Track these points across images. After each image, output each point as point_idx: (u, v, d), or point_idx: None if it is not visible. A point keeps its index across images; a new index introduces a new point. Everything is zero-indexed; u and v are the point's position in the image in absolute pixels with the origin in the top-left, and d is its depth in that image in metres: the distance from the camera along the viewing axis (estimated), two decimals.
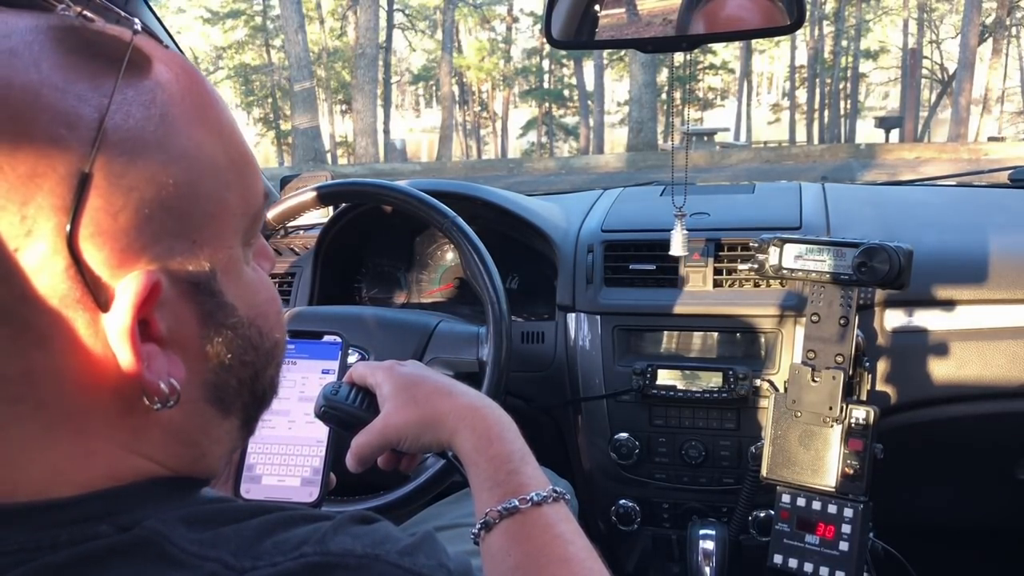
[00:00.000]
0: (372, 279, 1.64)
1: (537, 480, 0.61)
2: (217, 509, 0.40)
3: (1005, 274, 1.21)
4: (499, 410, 0.67)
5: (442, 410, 0.65)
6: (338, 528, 0.40)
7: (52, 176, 0.35)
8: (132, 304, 0.36)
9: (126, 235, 0.37)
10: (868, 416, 1.06)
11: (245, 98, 22.94)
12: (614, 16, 1.06)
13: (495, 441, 0.63)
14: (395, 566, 0.39)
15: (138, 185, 0.37)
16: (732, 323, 1.30)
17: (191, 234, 0.39)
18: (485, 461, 0.62)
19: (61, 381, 0.37)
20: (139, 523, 0.36)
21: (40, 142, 0.34)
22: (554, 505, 0.59)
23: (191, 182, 0.39)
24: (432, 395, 0.67)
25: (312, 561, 0.37)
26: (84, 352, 0.37)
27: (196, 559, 0.35)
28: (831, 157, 11.43)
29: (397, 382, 0.68)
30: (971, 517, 1.46)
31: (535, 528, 0.56)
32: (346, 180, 1.20)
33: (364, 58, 14.14)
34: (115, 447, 0.39)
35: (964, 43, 14.66)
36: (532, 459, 0.64)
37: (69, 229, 0.35)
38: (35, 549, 0.34)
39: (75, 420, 0.38)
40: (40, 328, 0.36)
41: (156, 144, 0.38)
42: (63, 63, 0.36)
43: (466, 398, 0.67)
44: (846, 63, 22.38)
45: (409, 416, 0.66)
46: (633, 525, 1.38)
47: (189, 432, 0.42)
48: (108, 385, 0.38)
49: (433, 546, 0.43)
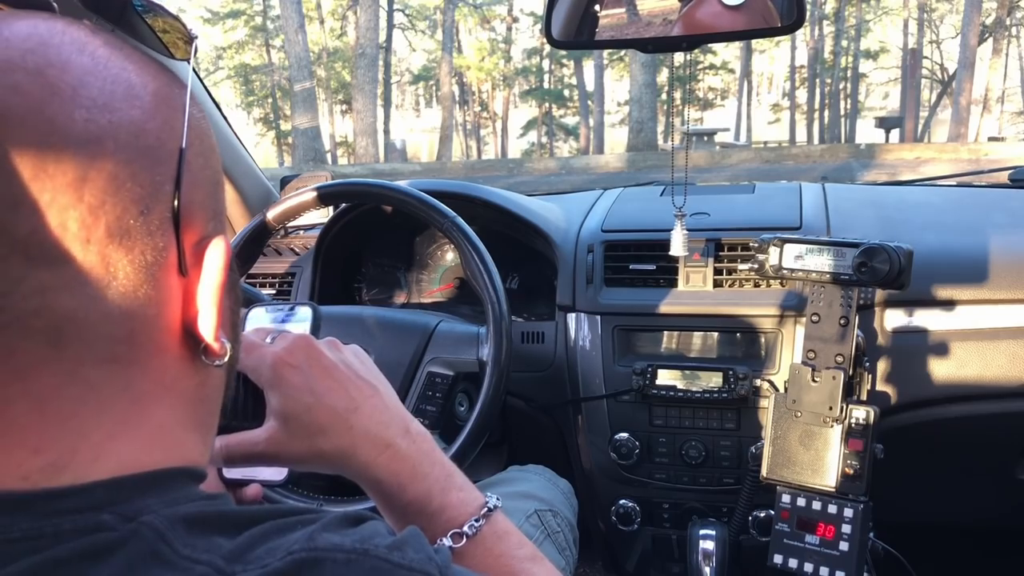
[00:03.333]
0: (372, 279, 1.64)
1: (466, 504, 0.57)
2: (216, 511, 0.40)
3: (1005, 274, 1.21)
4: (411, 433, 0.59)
5: (342, 449, 0.57)
6: (326, 526, 0.40)
7: (166, 149, 0.40)
8: (222, 264, 0.42)
9: (203, 208, 0.42)
10: (868, 416, 1.06)
11: (245, 98, 22.96)
12: (614, 16, 1.06)
13: (408, 485, 0.57)
14: (384, 560, 0.39)
15: (206, 165, 0.43)
16: (732, 323, 1.30)
17: (221, 215, 0.45)
18: (400, 510, 0.57)
19: (150, 341, 0.40)
20: (141, 514, 0.36)
21: (158, 119, 0.40)
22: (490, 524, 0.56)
23: (219, 172, 0.46)
24: (328, 428, 0.57)
25: (300, 558, 0.37)
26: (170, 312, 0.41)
27: (187, 562, 0.36)
28: (831, 157, 11.43)
29: (286, 401, 0.57)
30: (971, 517, 1.46)
31: (475, 559, 0.55)
32: (346, 180, 1.20)
33: (364, 58, 14.14)
34: (164, 413, 0.41)
35: (964, 43, 14.66)
36: (456, 477, 0.59)
37: (176, 198, 0.40)
38: (38, 538, 0.35)
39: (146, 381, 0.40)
40: (146, 290, 0.39)
41: (207, 132, 0.44)
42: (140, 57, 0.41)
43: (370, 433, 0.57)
44: (846, 63, 22.38)
45: (299, 451, 0.57)
46: (633, 525, 1.38)
47: (214, 400, 0.46)
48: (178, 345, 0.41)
49: (420, 541, 0.43)
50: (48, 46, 0.37)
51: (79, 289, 0.36)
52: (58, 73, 0.36)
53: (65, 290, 0.36)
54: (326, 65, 21.81)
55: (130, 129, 0.38)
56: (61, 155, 0.35)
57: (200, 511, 0.39)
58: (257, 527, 0.39)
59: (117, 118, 0.37)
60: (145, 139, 0.38)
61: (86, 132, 0.36)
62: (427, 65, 25.46)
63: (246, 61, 22.71)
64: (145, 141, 0.38)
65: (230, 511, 0.41)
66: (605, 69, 21.62)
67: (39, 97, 0.35)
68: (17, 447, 0.36)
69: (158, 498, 0.38)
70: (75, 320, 0.36)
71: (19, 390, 0.36)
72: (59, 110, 0.36)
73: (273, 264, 1.55)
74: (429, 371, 1.09)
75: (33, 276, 0.35)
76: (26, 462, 0.36)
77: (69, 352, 0.37)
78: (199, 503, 0.40)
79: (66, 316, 0.36)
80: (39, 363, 0.36)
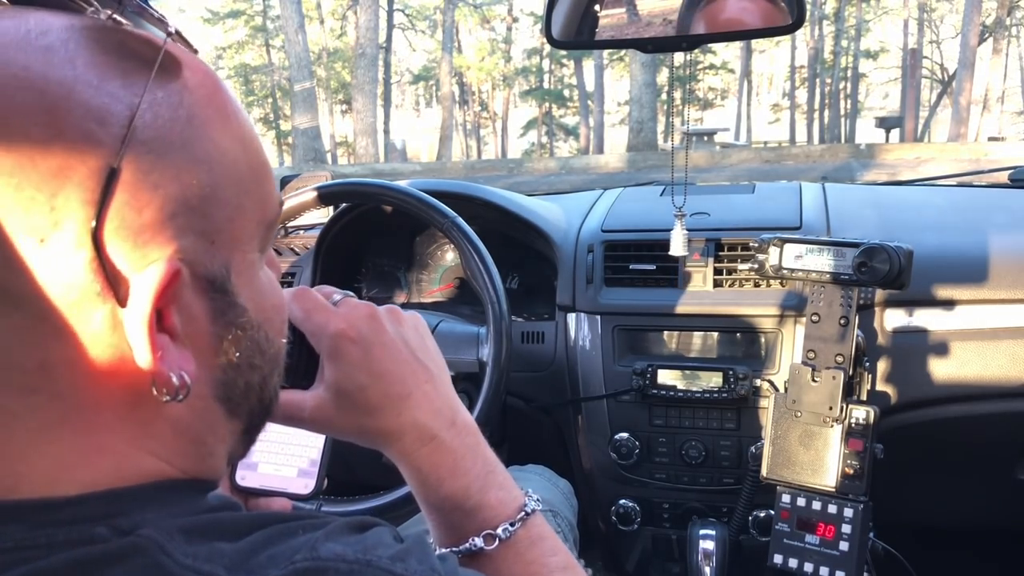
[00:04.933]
0: (372, 279, 1.64)
1: (504, 505, 0.56)
2: (217, 519, 0.39)
3: (1005, 274, 1.21)
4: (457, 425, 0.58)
5: (387, 432, 0.56)
6: (330, 535, 0.40)
7: (81, 170, 0.35)
8: (153, 292, 0.37)
9: (149, 230, 0.37)
10: (868, 416, 1.06)
11: (245, 98, 22.94)
12: (614, 16, 1.06)
13: (447, 478, 0.56)
14: (387, 571, 0.39)
15: (163, 183, 0.38)
16: (732, 323, 1.30)
17: (210, 235, 0.40)
18: (436, 503, 0.56)
19: (76, 373, 0.37)
20: (138, 527, 0.36)
21: (72, 136, 0.35)
22: (525, 528, 0.55)
23: (213, 184, 0.40)
24: (377, 410, 0.56)
25: (302, 567, 0.37)
26: (100, 344, 0.37)
27: (190, 572, 0.35)
28: (831, 157, 11.43)
29: (341, 376, 0.56)
30: (971, 517, 1.46)
31: (504, 562, 0.54)
32: (346, 180, 1.20)
33: (364, 58, 14.14)
34: (123, 442, 0.39)
35: (964, 43, 14.66)
36: (498, 475, 0.58)
37: (95, 222, 0.35)
38: (31, 548, 0.34)
39: (86, 413, 0.38)
40: (59, 319, 0.36)
41: (182, 145, 0.39)
42: (97, 61, 0.37)
43: (418, 422, 0.57)
44: (846, 63, 22.39)
45: (344, 426, 0.57)
46: (633, 525, 1.38)
47: (197, 430, 0.42)
48: (121, 378, 0.38)
49: (424, 551, 0.43)
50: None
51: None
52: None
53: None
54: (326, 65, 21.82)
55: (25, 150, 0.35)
56: None
57: (200, 521, 0.38)
58: (258, 532, 0.39)
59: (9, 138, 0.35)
60: (47, 160, 0.35)
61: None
62: (427, 65, 25.46)
63: (246, 61, 22.73)
64: (48, 162, 0.35)
65: (229, 518, 0.40)
66: (605, 69, 21.62)
67: None
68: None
69: (155, 511, 0.38)
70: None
71: None
72: None
73: None
74: None
75: None
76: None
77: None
78: (200, 515, 0.39)
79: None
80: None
